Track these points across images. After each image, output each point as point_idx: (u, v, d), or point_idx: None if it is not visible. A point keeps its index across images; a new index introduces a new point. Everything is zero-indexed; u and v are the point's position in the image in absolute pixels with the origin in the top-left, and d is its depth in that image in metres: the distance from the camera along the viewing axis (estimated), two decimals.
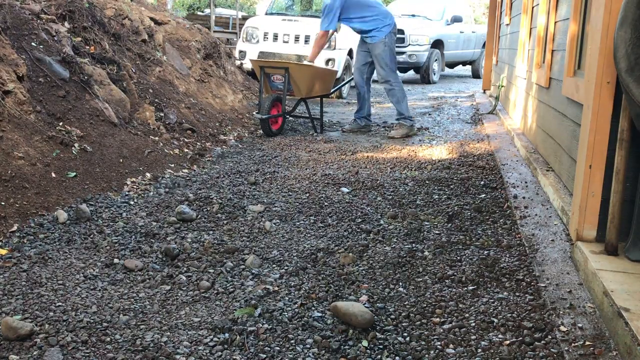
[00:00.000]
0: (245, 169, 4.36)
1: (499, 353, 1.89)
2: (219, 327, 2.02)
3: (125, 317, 2.09)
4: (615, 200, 2.39)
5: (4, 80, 3.53)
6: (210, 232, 2.99)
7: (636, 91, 2.14)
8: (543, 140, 4.45)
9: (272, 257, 2.69)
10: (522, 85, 5.98)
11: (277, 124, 5.94)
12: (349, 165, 4.62)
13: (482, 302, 2.25)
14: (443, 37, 13.58)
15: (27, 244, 2.68)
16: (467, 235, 3.00)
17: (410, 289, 2.37)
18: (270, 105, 5.71)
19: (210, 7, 14.78)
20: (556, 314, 2.11)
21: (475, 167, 4.59)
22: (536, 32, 5.16)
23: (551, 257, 2.64)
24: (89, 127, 3.96)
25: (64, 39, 4.43)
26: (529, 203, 3.48)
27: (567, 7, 3.91)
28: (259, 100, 5.89)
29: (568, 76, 3.59)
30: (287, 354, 1.88)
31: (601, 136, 2.50)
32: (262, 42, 9.58)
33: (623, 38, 2.18)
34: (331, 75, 6.32)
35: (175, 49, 6.71)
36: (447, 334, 2.01)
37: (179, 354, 1.86)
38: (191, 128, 5.17)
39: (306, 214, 3.32)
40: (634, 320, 1.81)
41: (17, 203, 2.97)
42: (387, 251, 2.77)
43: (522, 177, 4.13)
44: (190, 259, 2.63)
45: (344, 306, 2.08)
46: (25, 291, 2.24)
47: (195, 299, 2.26)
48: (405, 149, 5.33)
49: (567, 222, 2.92)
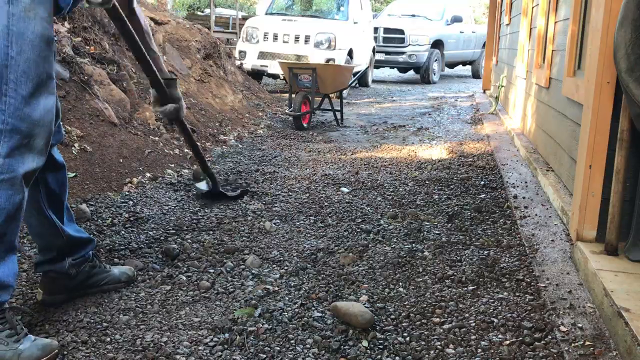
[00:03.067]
0: (245, 169, 4.36)
1: (499, 353, 1.89)
2: (219, 327, 2.02)
3: (125, 317, 2.09)
4: (615, 201, 2.39)
5: None
6: (210, 232, 2.99)
7: (636, 91, 2.14)
8: (543, 141, 4.45)
9: (272, 257, 2.69)
10: (522, 86, 5.98)
11: (307, 119, 6.54)
12: (349, 165, 4.62)
13: (482, 302, 2.25)
14: (443, 37, 13.58)
15: (27, 244, 2.68)
16: (467, 235, 3.00)
17: (410, 289, 2.37)
18: (301, 102, 6.31)
19: (210, 7, 14.78)
20: (556, 314, 2.11)
21: (475, 167, 4.59)
22: (536, 32, 5.17)
23: (551, 257, 2.65)
24: (89, 127, 3.96)
25: (64, 39, 4.43)
26: (529, 203, 3.49)
27: (567, 7, 3.91)
28: (289, 98, 6.64)
29: (568, 76, 3.60)
30: (287, 354, 1.88)
31: (601, 136, 2.50)
32: (262, 42, 9.58)
33: (623, 38, 2.18)
34: (350, 71, 6.99)
35: (175, 49, 6.71)
36: (447, 334, 2.01)
37: (179, 354, 1.86)
38: (191, 128, 5.16)
39: (306, 214, 3.32)
40: (634, 320, 1.81)
41: None
42: (387, 251, 2.77)
43: (522, 177, 4.13)
44: (190, 259, 2.63)
45: (344, 306, 2.09)
46: (25, 291, 2.24)
47: (195, 299, 2.26)
48: (405, 149, 5.33)
49: (567, 222, 2.92)
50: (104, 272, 2.28)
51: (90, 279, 2.23)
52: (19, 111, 1.71)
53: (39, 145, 1.77)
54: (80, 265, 2.19)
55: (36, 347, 1.77)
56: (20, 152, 1.73)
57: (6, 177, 1.71)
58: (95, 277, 2.24)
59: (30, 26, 1.71)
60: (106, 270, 2.29)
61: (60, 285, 2.15)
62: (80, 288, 2.20)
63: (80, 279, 2.19)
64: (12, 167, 1.71)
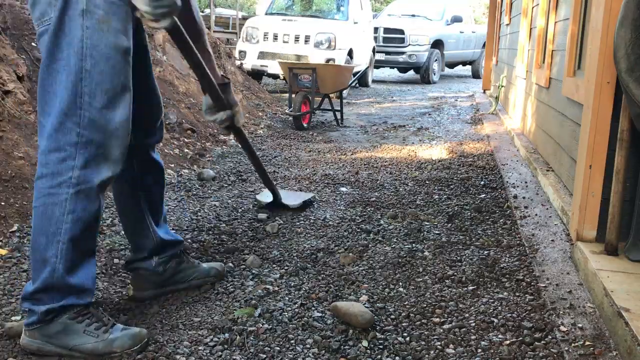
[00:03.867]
0: (245, 169, 4.36)
1: (499, 353, 1.89)
2: (219, 327, 2.02)
3: (125, 317, 2.09)
4: (615, 201, 2.39)
5: (4, 80, 3.53)
6: (210, 232, 2.99)
7: (636, 91, 2.14)
8: (543, 141, 4.45)
9: (272, 257, 2.69)
10: (522, 86, 5.98)
11: (306, 119, 6.53)
12: (349, 165, 4.62)
13: (482, 302, 2.25)
14: (443, 37, 13.58)
15: (27, 244, 2.68)
16: (467, 235, 3.00)
17: (410, 289, 2.37)
18: (301, 102, 6.30)
19: (210, 7, 14.78)
20: (556, 314, 2.11)
21: (475, 167, 4.59)
22: (536, 32, 5.17)
23: (551, 257, 2.65)
24: None
25: None
26: (529, 203, 3.49)
27: (567, 7, 3.91)
28: (289, 98, 6.62)
29: (568, 76, 3.59)
30: (287, 354, 1.88)
31: (601, 136, 2.50)
32: (262, 42, 9.58)
33: (623, 38, 2.18)
34: (350, 71, 6.99)
35: (175, 49, 6.71)
36: (447, 334, 2.01)
37: (179, 354, 1.86)
38: (191, 128, 5.17)
39: (306, 214, 3.32)
40: (634, 320, 1.81)
41: (17, 203, 2.97)
42: (387, 251, 2.77)
43: (522, 177, 4.13)
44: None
45: (344, 306, 2.09)
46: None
47: (195, 299, 2.26)
48: (405, 149, 5.33)
49: (567, 222, 2.92)
50: (191, 267, 2.33)
51: (177, 274, 2.28)
52: (94, 123, 1.75)
53: (114, 155, 1.80)
54: (168, 263, 2.25)
55: (127, 337, 1.85)
56: (96, 163, 1.77)
57: (82, 188, 1.76)
58: (182, 272, 2.30)
59: (104, 38, 1.72)
60: (194, 265, 2.34)
61: (149, 281, 2.23)
62: (168, 284, 2.27)
63: (167, 275, 2.26)
64: (88, 178, 1.77)
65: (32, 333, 1.81)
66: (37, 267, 1.79)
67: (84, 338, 1.81)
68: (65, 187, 1.75)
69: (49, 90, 1.75)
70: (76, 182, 1.75)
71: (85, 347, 1.81)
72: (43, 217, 1.77)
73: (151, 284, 2.23)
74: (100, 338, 1.82)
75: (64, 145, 1.74)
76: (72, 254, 1.78)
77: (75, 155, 1.74)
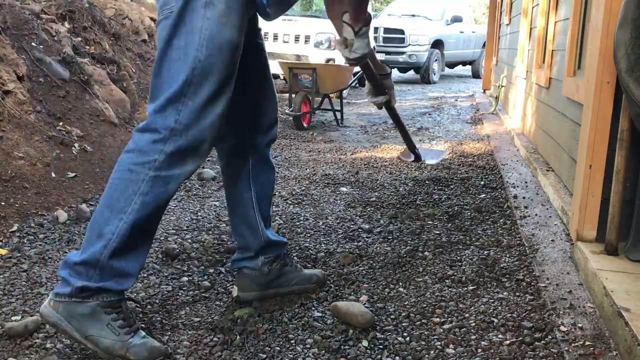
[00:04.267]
0: None
1: (499, 353, 1.89)
2: (219, 327, 2.02)
3: None
4: (615, 201, 2.39)
5: (4, 80, 3.53)
6: (210, 232, 2.99)
7: (636, 91, 2.14)
8: (543, 140, 4.45)
9: None
10: (522, 85, 5.98)
11: (307, 118, 6.57)
12: (349, 165, 4.62)
13: (482, 302, 2.25)
14: (443, 37, 13.58)
15: (27, 244, 2.68)
16: (467, 235, 3.00)
17: (410, 289, 2.37)
18: (301, 102, 6.34)
19: None
20: (556, 314, 2.11)
21: (475, 167, 4.59)
22: (536, 32, 5.17)
23: (551, 257, 2.65)
24: (89, 127, 3.96)
25: (64, 39, 4.43)
26: (529, 203, 3.49)
27: (567, 7, 3.91)
28: (289, 98, 6.64)
29: (568, 76, 3.59)
30: (287, 354, 1.88)
31: (601, 136, 2.50)
32: None
33: (623, 38, 2.18)
34: (350, 71, 6.97)
35: None
36: (447, 334, 2.01)
37: (179, 354, 1.86)
38: None
39: (306, 214, 3.32)
40: (634, 320, 1.81)
41: (17, 203, 2.97)
42: (387, 251, 2.77)
43: (522, 177, 4.13)
44: (190, 259, 2.63)
45: (344, 306, 2.09)
46: (25, 291, 2.24)
47: (195, 299, 2.26)
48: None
49: (567, 222, 2.92)
50: (294, 271, 2.30)
51: (281, 277, 2.26)
52: (193, 113, 1.74)
53: (202, 149, 1.79)
54: (272, 263, 2.23)
55: (144, 347, 1.78)
56: (184, 154, 1.76)
57: (162, 175, 1.75)
58: (285, 275, 2.27)
59: (222, 32, 1.72)
60: (296, 269, 2.32)
61: (253, 282, 2.20)
62: (271, 286, 2.24)
63: (271, 276, 2.23)
64: (171, 166, 1.75)
65: (57, 305, 1.75)
66: (91, 240, 1.74)
67: (104, 331, 1.75)
68: (146, 168, 1.73)
69: (161, 75, 1.74)
70: (159, 167, 1.73)
71: (102, 341, 1.75)
72: (115, 191, 1.74)
73: (255, 285, 2.20)
74: (120, 338, 1.76)
75: (160, 128, 1.73)
76: (129, 236, 1.74)
77: (167, 140, 1.73)
